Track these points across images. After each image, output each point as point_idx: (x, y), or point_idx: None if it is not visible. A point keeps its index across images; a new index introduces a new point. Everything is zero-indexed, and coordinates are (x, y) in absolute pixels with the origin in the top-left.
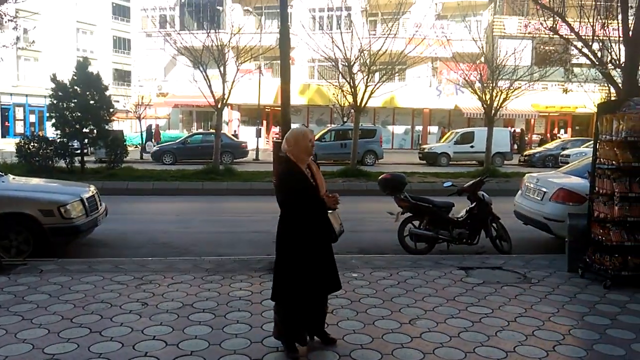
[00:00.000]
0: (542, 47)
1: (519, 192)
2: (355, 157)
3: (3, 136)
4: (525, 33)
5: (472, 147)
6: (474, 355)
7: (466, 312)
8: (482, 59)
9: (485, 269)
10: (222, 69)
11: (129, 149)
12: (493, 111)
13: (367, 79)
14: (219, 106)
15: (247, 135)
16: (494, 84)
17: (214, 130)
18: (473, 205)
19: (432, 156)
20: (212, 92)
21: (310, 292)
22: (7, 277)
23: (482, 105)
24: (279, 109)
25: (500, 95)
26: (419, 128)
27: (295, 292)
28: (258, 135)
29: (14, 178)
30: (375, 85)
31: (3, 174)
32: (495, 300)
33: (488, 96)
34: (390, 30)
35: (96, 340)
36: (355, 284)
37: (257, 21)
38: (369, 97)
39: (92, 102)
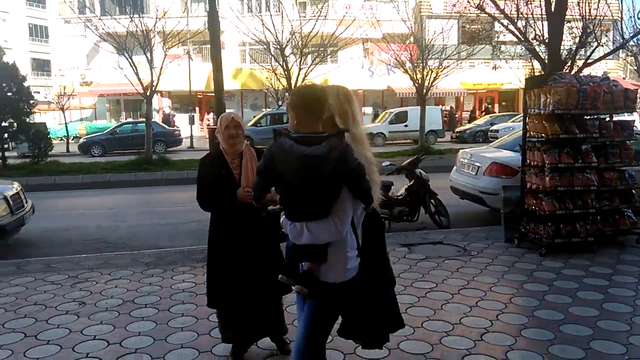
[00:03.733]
0: (468, 25)
1: (454, 168)
2: None
3: None
4: (451, 12)
5: (406, 126)
6: (421, 330)
7: (412, 288)
8: (412, 39)
9: (426, 245)
10: (148, 54)
11: (54, 142)
12: (424, 90)
13: (299, 62)
14: (148, 94)
15: (179, 122)
16: (424, 64)
17: (144, 119)
18: (411, 183)
19: (368, 136)
20: (139, 79)
21: (228, 298)
22: None
23: (414, 85)
24: (212, 94)
25: (431, 74)
26: None
27: (213, 295)
28: (191, 122)
29: None
30: (309, 67)
31: None
32: (439, 274)
33: (419, 76)
34: (320, 11)
35: (32, 345)
36: None
37: (183, 4)
38: (303, 79)
39: (9, 94)
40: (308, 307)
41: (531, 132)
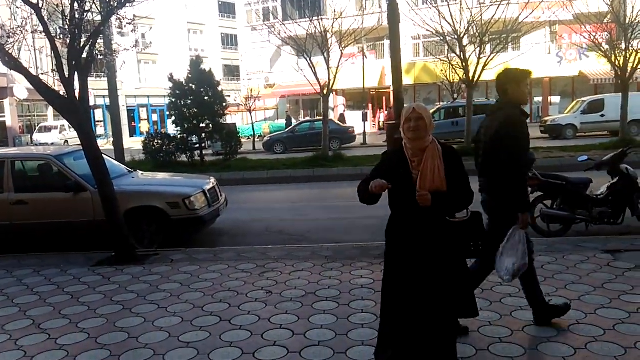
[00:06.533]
0: None
1: None
2: (470, 135)
3: (131, 135)
4: None
5: (602, 116)
6: (635, 351)
7: (619, 302)
8: (609, 18)
9: (636, 252)
10: (326, 55)
11: (243, 140)
12: (627, 75)
13: (479, 51)
14: (325, 92)
15: (353, 119)
16: (627, 45)
17: (320, 118)
18: (615, 180)
19: (556, 129)
20: (317, 79)
21: (399, 310)
22: (142, 266)
23: (613, 69)
24: (384, 91)
25: (636, 56)
26: (538, 99)
27: (385, 304)
28: (364, 119)
29: (142, 174)
30: (489, 57)
31: (133, 170)
32: None
33: (620, 58)
34: None
35: (226, 329)
36: None
37: (359, 3)
38: (482, 70)
39: (206, 98)
40: None
41: None
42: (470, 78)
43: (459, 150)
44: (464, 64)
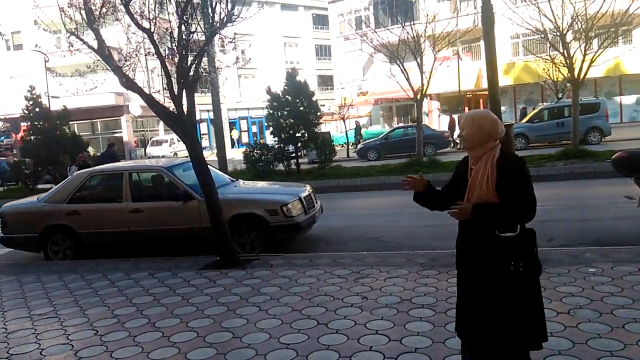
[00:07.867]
0: None
1: None
2: (577, 136)
3: (232, 147)
4: None
5: None
6: None
7: None
8: None
9: None
10: (419, 59)
11: (336, 148)
12: None
13: (584, 47)
14: (418, 97)
15: (445, 124)
16: None
17: (414, 123)
18: None
19: None
20: (410, 84)
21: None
22: (244, 270)
23: None
24: (480, 93)
25: None
26: None
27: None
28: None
29: (244, 182)
30: (596, 52)
31: (235, 179)
32: None
33: None
34: None
35: (323, 332)
36: (594, 280)
37: (452, 5)
38: (589, 67)
39: (302, 108)
40: None
41: None
42: (576, 76)
43: (566, 151)
44: (567, 62)
